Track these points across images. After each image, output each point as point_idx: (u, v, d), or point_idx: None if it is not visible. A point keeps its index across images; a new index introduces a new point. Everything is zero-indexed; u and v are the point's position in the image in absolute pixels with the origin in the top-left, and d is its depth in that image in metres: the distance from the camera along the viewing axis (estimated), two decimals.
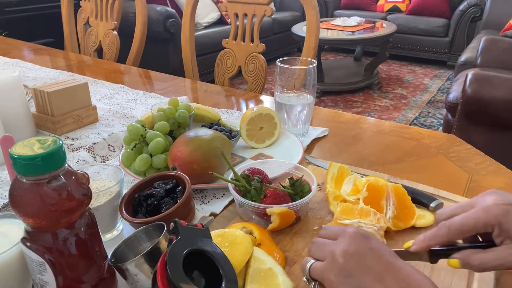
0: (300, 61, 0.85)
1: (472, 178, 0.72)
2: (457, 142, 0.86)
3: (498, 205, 0.41)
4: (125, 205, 0.56)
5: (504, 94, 1.54)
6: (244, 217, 0.60)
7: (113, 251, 0.47)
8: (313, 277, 0.42)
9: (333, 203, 0.62)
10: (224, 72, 1.37)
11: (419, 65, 4.39)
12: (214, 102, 1.12)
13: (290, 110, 0.85)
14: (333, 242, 0.42)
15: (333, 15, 4.73)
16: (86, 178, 0.45)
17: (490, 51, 2.20)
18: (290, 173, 0.65)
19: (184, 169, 0.64)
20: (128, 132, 0.71)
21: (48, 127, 0.86)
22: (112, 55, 1.62)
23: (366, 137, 0.91)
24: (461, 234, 0.42)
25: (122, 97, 1.11)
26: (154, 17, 2.97)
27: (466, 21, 4.02)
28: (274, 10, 1.76)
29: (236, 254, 0.46)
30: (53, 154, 0.37)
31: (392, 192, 0.59)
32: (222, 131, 0.79)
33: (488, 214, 0.41)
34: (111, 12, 1.60)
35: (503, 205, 0.41)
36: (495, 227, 0.41)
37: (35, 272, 0.41)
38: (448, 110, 1.93)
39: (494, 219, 0.40)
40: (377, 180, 0.63)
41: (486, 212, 0.41)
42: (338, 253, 0.39)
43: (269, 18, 3.92)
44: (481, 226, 0.41)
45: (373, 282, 0.37)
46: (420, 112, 3.15)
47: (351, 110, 3.17)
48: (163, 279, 0.37)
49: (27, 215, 0.38)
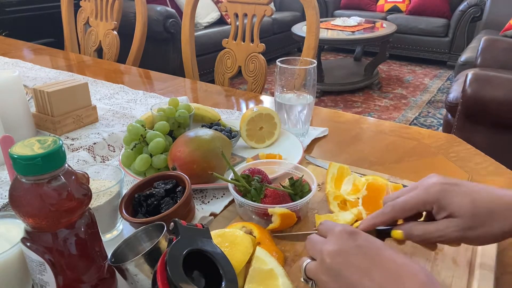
0: (300, 61, 0.85)
1: (472, 178, 0.72)
2: (457, 142, 0.86)
3: (437, 184, 0.44)
4: (125, 205, 0.56)
5: (504, 94, 1.54)
6: (244, 217, 0.60)
7: (113, 251, 0.47)
8: (309, 277, 0.42)
9: (333, 203, 0.62)
10: (224, 72, 1.37)
11: (419, 65, 4.39)
12: (214, 102, 1.12)
13: (290, 110, 0.85)
14: (323, 240, 0.42)
15: (333, 15, 4.73)
16: (86, 178, 0.45)
17: (490, 51, 2.19)
18: (290, 173, 0.65)
19: (184, 169, 0.64)
20: (128, 132, 0.71)
21: (48, 127, 0.86)
22: (112, 55, 1.62)
23: (366, 137, 0.91)
24: (404, 212, 0.46)
25: (122, 97, 1.11)
26: (154, 17, 2.97)
27: (466, 21, 4.02)
28: (274, 10, 1.76)
29: (236, 254, 0.46)
30: (53, 154, 0.37)
31: (392, 191, 0.59)
32: (222, 131, 0.79)
33: (427, 193, 0.44)
34: (111, 12, 1.60)
35: (442, 184, 0.44)
36: (434, 205, 0.44)
37: (35, 272, 0.41)
38: (448, 110, 1.93)
39: (433, 197, 0.44)
40: (376, 180, 0.63)
41: (426, 191, 0.44)
42: (325, 253, 0.40)
43: (269, 18, 3.92)
44: (421, 204, 0.44)
45: (361, 279, 0.37)
46: (420, 112, 3.15)
47: (351, 110, 3.17)
48: (163, 279, 0.37)
49: (27, 215, 0.38)
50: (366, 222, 0.47)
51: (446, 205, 0.43)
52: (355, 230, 0.41)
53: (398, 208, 0.45)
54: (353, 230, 0.41)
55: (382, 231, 0.47)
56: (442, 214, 0.43)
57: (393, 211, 0.46)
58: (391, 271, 0.36)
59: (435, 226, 0.43)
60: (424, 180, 0.47)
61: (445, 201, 0.43)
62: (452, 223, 0.42)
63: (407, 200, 0.45)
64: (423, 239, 0.45)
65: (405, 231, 0.45)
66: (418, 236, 0.44)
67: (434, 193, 0.44)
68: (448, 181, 0.45)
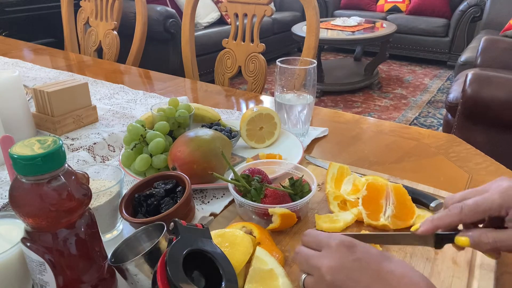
0: (300, 61, 0.85)
1: (472, 178, 0.72)
2: (457, 142, 0.86)
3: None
4: (125, 205, 0.56)
5: (504, 94, 1.53)
6: (244, 217, 0.60)
7: (113, 251, 0.47)
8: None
9: (333, 203, 0.62)
10: (224, 72, 1.37)
11: (419, 65, 4.39)
12: (214, 102, 1.12)
13: (290, 110, 0.85)
14: (318, 254, 0.41)
15: (333, 15, 4.73)
16: (86, 178, 0.45)
17: (490, 51, 2.19)
18: (290, 173, 0.65)
19: (184, 169, 0.64)
20: (128, 132, 0.71)
21: (48, 127, 0.86)
22: (112, 55, 1.62)
23: (366, 137, 0.91)
24: (475, 215, 0.42)
25: (122, 97, 1.11)
26: (154, 17, 2.97)
27: (466, 21, 4.02)
28: (274, 10, 1.77)
29: (236, 254, 0.46)
30: (53, 154, 0.37)
31: (392, 192, 0.59)
32: (222, 131, 0.79)
33: (503, 197, 0.41)
34: (111, 12, 1.60)
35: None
36: (510, 210, 0.40)
37: (35, 272, 0.41)
38: (448, 110, 1.93)
39: (509, 201, 0.40)
40: (376, 180, 0.63)
41: (501, 195, 0.41)
42: (324, 269, 0.39)
43: (269, 18, 3.91)
44: (496, 208, 0.41)
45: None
46: (420, 112, 3.15)
47: (351, 110, 3.17)
48: (163, 279, 0.37)
49: (27, 215, 0.38)
50: (428, 224, 0.43)
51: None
52: (352, 242, 0.40)
53: (468, 211, 0.41)
54: (351, 242, 0.40)
55: (443, 236, 0.43)
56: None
57: (462, 213, 0.42)
58: (393, 284, 0.36)
59: (509, 234, 0.40)
60: (495, 183, 0.43)
61: None
62: None
63: (479, 203, 0.41)
64: (492, 248, 0.41)
65: (473, 238, 0.41)
66: (488, 244, 0.41)
67: (510, 198, 0.40)
68: None
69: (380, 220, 0.57)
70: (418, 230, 0.44)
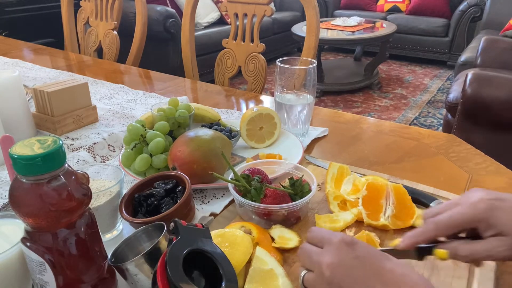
0: (300, 61, 0.85)
1: (472, 178, 0.72)
2: (457, 142, 0.86)
3: (484, 200, 0.42)
4: (125, 205, 0.56)
5: (504, 94, 1.53)
6: (244, 217, 0.60)
7: (113, 251, 0.47)
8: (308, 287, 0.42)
9: (333, 203, 0.62)
10: (224, 72, 1.37)
11: (419, 65, 4.39)
12: (214, 102, 1.12)
13: (290, 110, 0.85)
14: (320, 251, 0.41)
15: (333, 15, 4.73)
16: (86, 178, 0.45)
17: (490, 51, 2.19)
18: (290, 173, 0.65)
19: (184, 169, 0.64)
20: (128, 132, 0.71)
21: (48, 127, 0.86)
22: (112, 55, 1.62)
23: (366, 137, 0.91)
24: (448, 229, 0.43)
25: (122, 97, 1.11)
26: (154, 17, 2.97)
27: (466, 21, 4.02)
28: (274, 10, 1.76)
29: (236, 254, 0.46)
30: (53, 154, 0.37)
31: (392, 192, 0.59)
32: (222, 131, 0.79)
33: (475, 209, 0.42)
34: (111, 12, 1.60)
35: (489, 200, 0.42)
36: (482, 222, 0.41)
37: (35, 272, 0.41)
38: (448, 110, 1.93)
39: (481, 214, 0.41)
40: (376, 180, 0.63)
41: (473, 208, 0.42)
42: (324, 265, 0.39)
43: (269, 18, 3.91)
44: (468, 221, 0.42)
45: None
46: (420, 112, 3.15)
47: (351, 110, 3.17)
48: (163, 279, 0.37)
49: (27, 215, 0.38)
50: (407, 241, 0.44)
51: (495, 223, 0.40)
52: (353, 240, 0.40)
53: (442, 226, 0.43)
54: (351, 240, 0.40)
55: (423, 249, 0.44)
56: (490, 232, 0.41)
57: (436, 229, 0.43)
58: (391, 283, 0.36)
59: (483, 245, 0.41)
60: (467, 195, 0.44)
61: (494, 219, 0.40)
62: (501, 241, 0.40)
63: (452, 217, 0.42)
64: (470, 259, 0.42)
65: (450, 250, 0.42)
66: (465, 257, 0.42)
67: (482, 210, 0.41)
68: (494, 196, 0.42)
69: (380, 220, 0.57)
70: (399, 245, 0.45)
